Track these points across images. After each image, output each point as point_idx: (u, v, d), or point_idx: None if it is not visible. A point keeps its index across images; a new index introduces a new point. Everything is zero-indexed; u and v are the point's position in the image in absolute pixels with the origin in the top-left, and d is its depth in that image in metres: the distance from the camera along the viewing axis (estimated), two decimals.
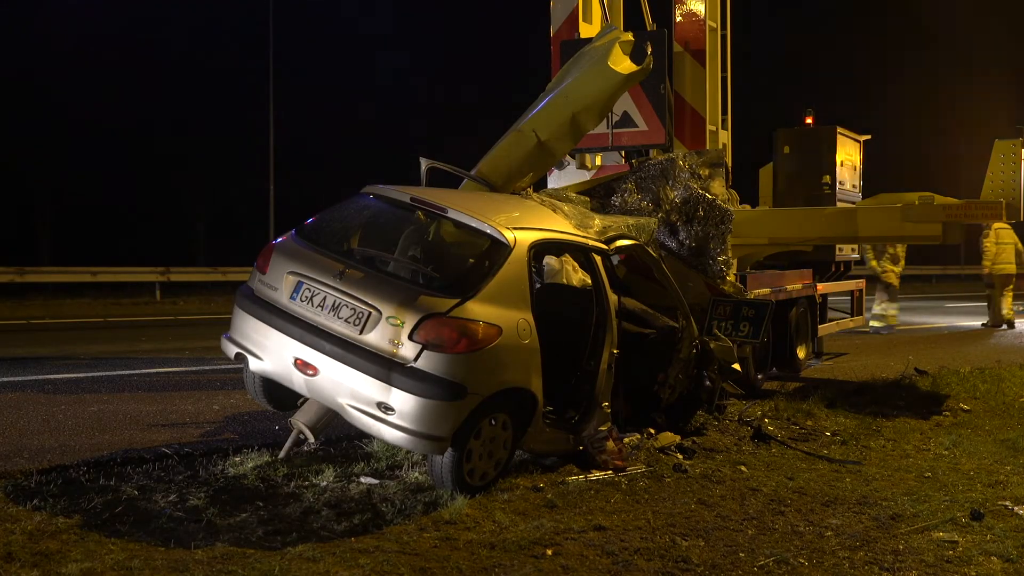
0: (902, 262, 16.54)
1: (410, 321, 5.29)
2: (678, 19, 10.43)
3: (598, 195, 8.47)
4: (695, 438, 7.11)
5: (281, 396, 6.39)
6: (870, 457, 7.05)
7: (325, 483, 5.66)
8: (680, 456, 6.62)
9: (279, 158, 30.29)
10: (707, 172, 8.58)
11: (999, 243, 17.14)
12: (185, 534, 4.72)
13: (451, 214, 6.01)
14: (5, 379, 9.43)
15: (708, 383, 7.35)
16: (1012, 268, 17.19)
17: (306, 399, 6.10)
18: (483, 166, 7.60)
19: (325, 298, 5.57)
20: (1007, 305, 17.30)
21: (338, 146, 40.22)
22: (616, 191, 8.48)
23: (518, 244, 5.81)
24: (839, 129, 11.14)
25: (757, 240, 9.89)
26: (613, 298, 6.48)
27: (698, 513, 5.42)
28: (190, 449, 6.47)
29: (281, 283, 5.79)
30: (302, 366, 5.54)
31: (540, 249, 6.36)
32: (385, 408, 5.27)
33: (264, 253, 6.05)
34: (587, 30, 10.58)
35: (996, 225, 16.22)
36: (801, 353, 10.81)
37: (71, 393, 8.71)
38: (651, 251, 7.18)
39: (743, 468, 6.47)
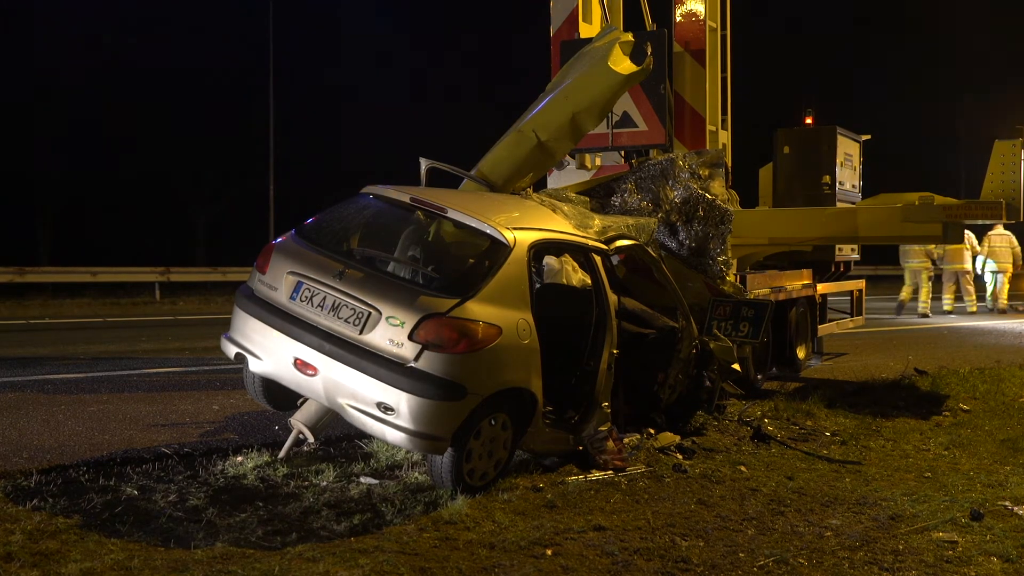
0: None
1: (410, 321, 5.30)
2: (678, 19, 10.42)
3: (598, 195, 8.47)
4: (695, 438, 7.11)
5: (281, 396, 6.39)
6: (870, 457, 7.05)
7: (325, 483, 5.66)
8: (680, 456, 6.62)
9: (279, 158, 30.31)
10: (707, 172, 8.58)
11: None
12: (185, 534, 4.72)
13: (451, 214, 6.01)
14: (5, 379, 9.43)
15: (708, 383, 7.35)
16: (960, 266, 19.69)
17: (306, 399, 6.10)
18: (483, 166, 7.60)
19: (325, 298, 5.57)
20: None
21: (338, 146, 40.20)
22: (616, 191, 8.48)
23: (518, 244, 5.81)
24: (839, 129, 11.14)
25: (757, 240, 9.89)
26: (613, 298, 6.48)
27: (698, 513, 5.42)
28: (190, 449, 6.47)
29: (281, 283, 5.79)
30: (302, 366, 5.54)
31: (540, 249, 6.36)
32: (385, 408, 5.27)
33: (264, 253, 6.05)
34: (587, 30, 10.58)
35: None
36: (801, 353, 10.81)
37: (71, 393, 8.70)
38: (651, 251, 7.19)
39: (743, 468, 6.47)
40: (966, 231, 19.06)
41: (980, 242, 20.15)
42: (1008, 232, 20.15)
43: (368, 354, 5.35)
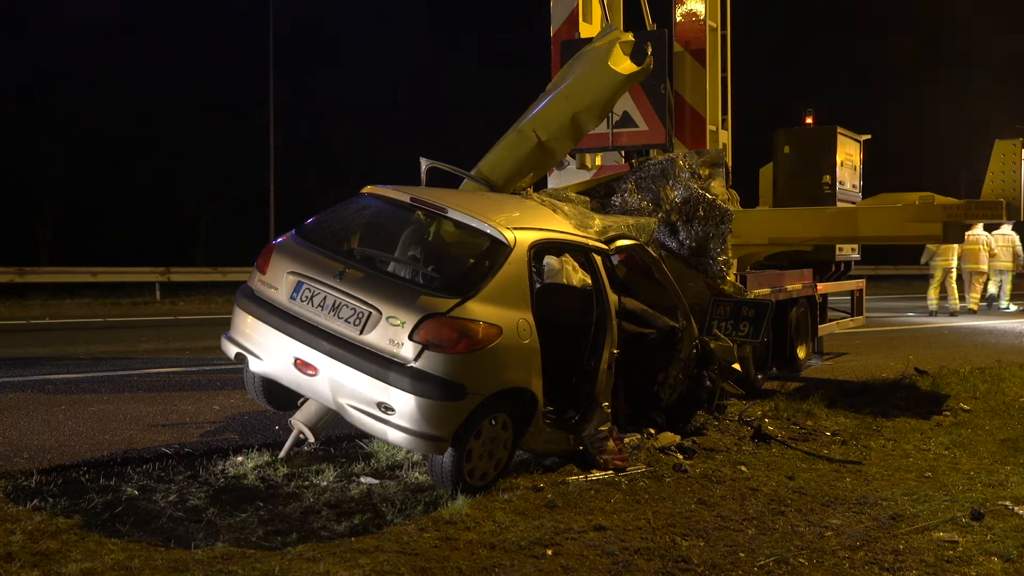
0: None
1: (410, 321, 5.29)
2: (678, 19, 10.42)
3: (598, 195, 8.46)
4: (695, 438, 7.11)
5: (281, 396, 6.39)
6: (870, 457, 7.05)
7: (325, 483, 5.66)
8: (680, 456, 6.62)
9: (279, 158, 30.31)
10: (707, 172, 8.58)
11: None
12: (185, 534, 4.72)
13: (451, 214, 6.01)
14: (5, 379, 9.43)
15: (708, 383, 7.35)
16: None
17: (306, 399, 6.10)
18: (483, 166, 7.60)
19: (325, 298, 5.57)
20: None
21: (338, 146, 40.20)
22: (616, 191, 8.48)
23: (518, 244, 5.81)
24: (839, 129, 11.14)
25: (757, 240, 9.89)
26: (613, 298, 6.48)
27: (698, 513, 5.42)
28: (190, 449, 6.47)
29: (281, 283, 5.79)
30: (302, 366, 5.54)
31: (540, 249, 6.36)
32: (385, 408, 5.27)
33: (264, 253, 6.05)
34: (587, 30, 10.58)
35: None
36: (801, 353, 10.81)
37: (71, 393, 8.70)
38: (651, 251, 7.18)
39: (743, 468, 6.47)
40: (983, 233, 19.79)
41: None
42: (1012, 233, 20.52)
43: (368, 354, 5.35)
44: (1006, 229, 20.29)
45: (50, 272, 23.68)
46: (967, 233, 18.82)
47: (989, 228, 20.10)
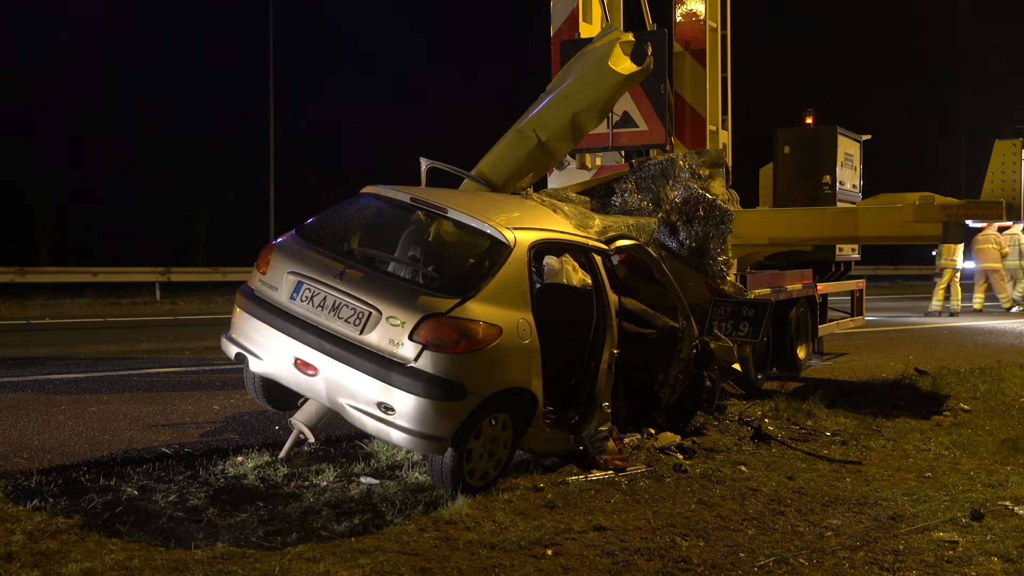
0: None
1: (410, 321, 5.30)
2: (678, 19, 10.42)
3: (598, 195, 8.47)
4: (695, 438, 7.11)
5: (281, 396, 6.39)
6: (870, 457, 7.05)
7: (325, 483, 5.66)
8: (680, 456, 6.62)
9: (278, 158, 30.33)
10: (707, 172, 8.58)
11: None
12: (185, 534, 4.72)
13: (451, 214, 6.01)
14: (5, 379, 9.43)
15: (708, 383, 7.35)
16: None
17: (306, 399, 6.11)
18: (483, 166, 7.60)
19: (325, 298, 5.57)
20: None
21: (338, 146, 40.20)
22: (616, 191, 8.48)
23: (518, 244, 5.81)
24: (839, 129, 11.14)
25: (757, 240, 9.89)
26: (613, 298, 6.48)
27: (698, 513, 5.42)
28: (190, 449, 6.47)
29: (281, 283, 5.79)
30: (302, 366, 5.54)
31: (540, 249, 6.36)
32: (385, 408, 5.27)
33: (264, 253, 6.05)
34: (587, 30, 10.58)
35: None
36: (801, 353, 10.81)
37: (71, 393, 8.70)
38: (651, 251, 7.19)
39: (743, 468, 6.47)
40: (995, 232, 20.10)
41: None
42: (1020, 233, 20.73)
43: (368, 354, 5.35)
44: (1015, 229, 20.53)
45: (50, 272, 23.71)
46: (980, 234, 19.23)
47: (1000, 228, 20.25)
